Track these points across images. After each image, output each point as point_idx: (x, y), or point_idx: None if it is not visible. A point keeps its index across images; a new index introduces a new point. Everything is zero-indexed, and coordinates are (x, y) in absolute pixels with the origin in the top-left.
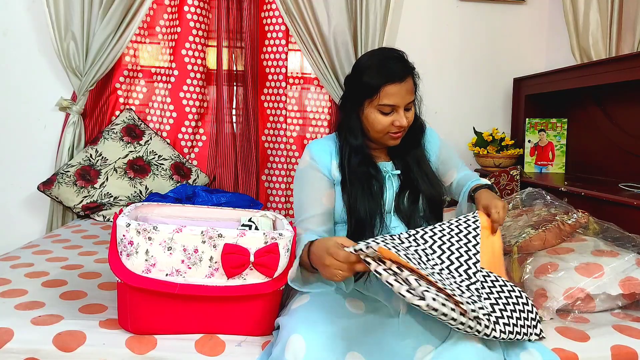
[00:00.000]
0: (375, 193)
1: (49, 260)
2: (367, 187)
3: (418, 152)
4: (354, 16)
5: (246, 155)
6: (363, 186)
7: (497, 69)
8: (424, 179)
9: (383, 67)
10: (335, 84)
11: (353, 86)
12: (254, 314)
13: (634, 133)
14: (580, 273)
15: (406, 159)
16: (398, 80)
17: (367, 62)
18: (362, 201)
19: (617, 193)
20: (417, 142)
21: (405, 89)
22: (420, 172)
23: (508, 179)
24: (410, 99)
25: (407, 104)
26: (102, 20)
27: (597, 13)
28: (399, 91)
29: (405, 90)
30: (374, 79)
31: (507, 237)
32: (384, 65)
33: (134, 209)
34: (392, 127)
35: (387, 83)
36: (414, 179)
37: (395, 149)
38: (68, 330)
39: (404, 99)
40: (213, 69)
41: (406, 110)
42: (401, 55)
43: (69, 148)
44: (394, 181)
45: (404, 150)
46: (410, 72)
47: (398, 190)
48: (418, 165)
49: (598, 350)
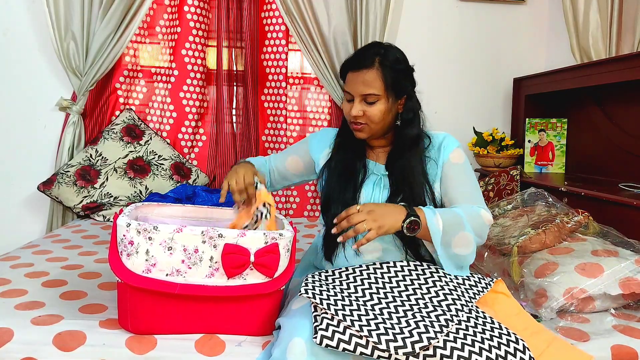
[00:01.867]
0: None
1: (49, 260)
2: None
3: (408, 161)
4: (354, 16)
5: (246, 155)
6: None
7: (497, 69)
8: (412, 191)
9: (353, 55)
10: (335, 84)
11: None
12: (254, 314)
13: (634, 133)
14: (580, 273)
15: (397, 166)
16: (355, 67)
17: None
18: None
19: (617, 193)
20: (406, 149)
21: (362, 79)
22: (404, 182)
23: (508, 179)
24: (365, 92)
25: (364, 96)
26: (102, 20)
27: (597, 13)
28: (354, 80)
29: (361, 80)
30: (343, 65)
31: (507, 238)
32: (354, 54)
33: (134, 209)
34: (350, 116)
35: (348, 69)
36: (403, 191)
37: (391, 155)
38: (68, 330)
39: (357, 89)
40: (213, 69)
41: (367, 104)
42: (378, 49)
43: (69, 148)
44: (381, 184)
45: (396, 156)
46: (376, 64)
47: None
48: (409, 174)
49: (598, 350)
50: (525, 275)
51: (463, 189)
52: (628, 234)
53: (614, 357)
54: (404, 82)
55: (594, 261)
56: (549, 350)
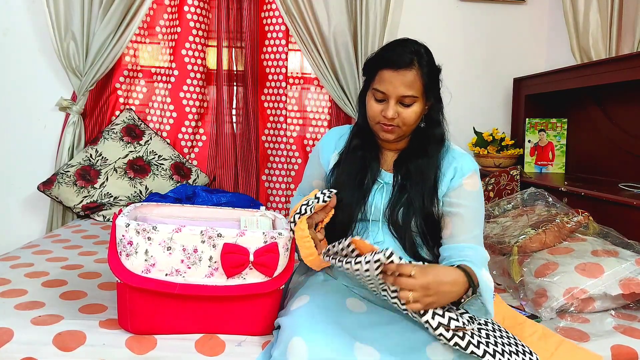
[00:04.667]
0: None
1: (49, 260)
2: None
3: (424, 163)
4: (354, 16)
5: (246, 155)
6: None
7: (497, 69)
8: (420, 194)
9: (387, 50)
10: (335, 84)
11: (364, 66)
12: (254, 313)
13: (634, 133)
14: (580, 273)
15: (409, 167)
16: (394, 67)
17: (386, 44)
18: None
19: (617, 193)
20: (425, 152)
21: (401, 79)
22: (419, 185)
23: (508, 179)
24: (405, 93)
25: (401, 97)
26: (102, 20)
27: (597, 13)
28: (393, 79)
29: (401, 81)
30: (374, 60)
31: (507, 237)
32: (388, 49)
33: (133, 209)
34: (381, 117)
35: (383, 67)
36: (409, 191)
37: (403, 155)
38: (68, 330)
39: (397, 90)
40: (213, 69)
41: (402, 105)
42: (416, 47)
43: (69, 148)
44: (386, 191)
45: (411, 156)
46: (416, 65)
47: (392, 201)
48: (419, 176)
49: (598, 350)
50: (525, 275)
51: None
52: (628, 234)
53: (614, 357)
54: (436, 83)
55: (594, 261)
56: (558, 353)
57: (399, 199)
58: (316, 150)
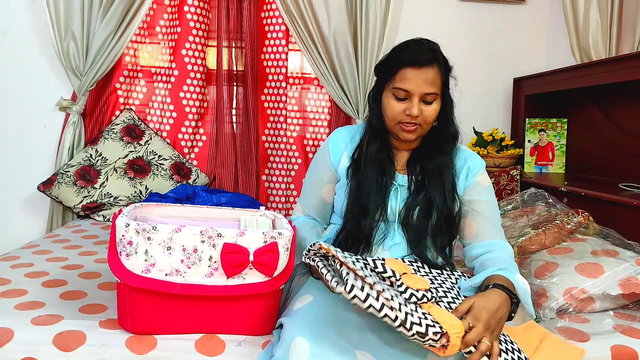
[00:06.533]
0: (384, 186)
1: (49, 260)
2: (380, 174)
3: (441, 161)
4: (354, 16)
5: (246, 155)
6: (376, 173)
7: (497, 69)
8: (440, 192)
9: (407, 49)
10: (335, 84)
11: (379, 67)
12: (254, 313)
13: (634, 133)
14: (580, 273)
15: (426, 166)
16: (417, 64)
17: (399, 44)
18: (372, 189)
19: (617, 193)
20: (443, 150)
21: (424, 77)
22: (438, 184)
23: (508, 179)
24: (428, 90)
25: (424, 95)
26: (102, 20)
27: (597, 13)
28: (416, 77)
29: (424, 78)
30: (394, 59)
31: (507, 238)
32: (408, 48)
33: (133, 209)
34: (403, 116)
35: (404, 65)
36: (428, 190)
37: (416, 155)
38: (68, 330)
39: (420, 87)
40: (213, 69)
41: (424, 103)
42: (432, 46)
43: (69, 148)
44: (401, 193)
45: (425, 155)
46: (436, 62)
47: (409, 201)
48: (438, 174)
49: (598, 350)
50: (525, 276)
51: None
52: (628, 234)
53: (614, 357)
54: (449, 81)
55: (594, 261)
56: (542, 345)
57: (415, 199)
58: (323, 152)
